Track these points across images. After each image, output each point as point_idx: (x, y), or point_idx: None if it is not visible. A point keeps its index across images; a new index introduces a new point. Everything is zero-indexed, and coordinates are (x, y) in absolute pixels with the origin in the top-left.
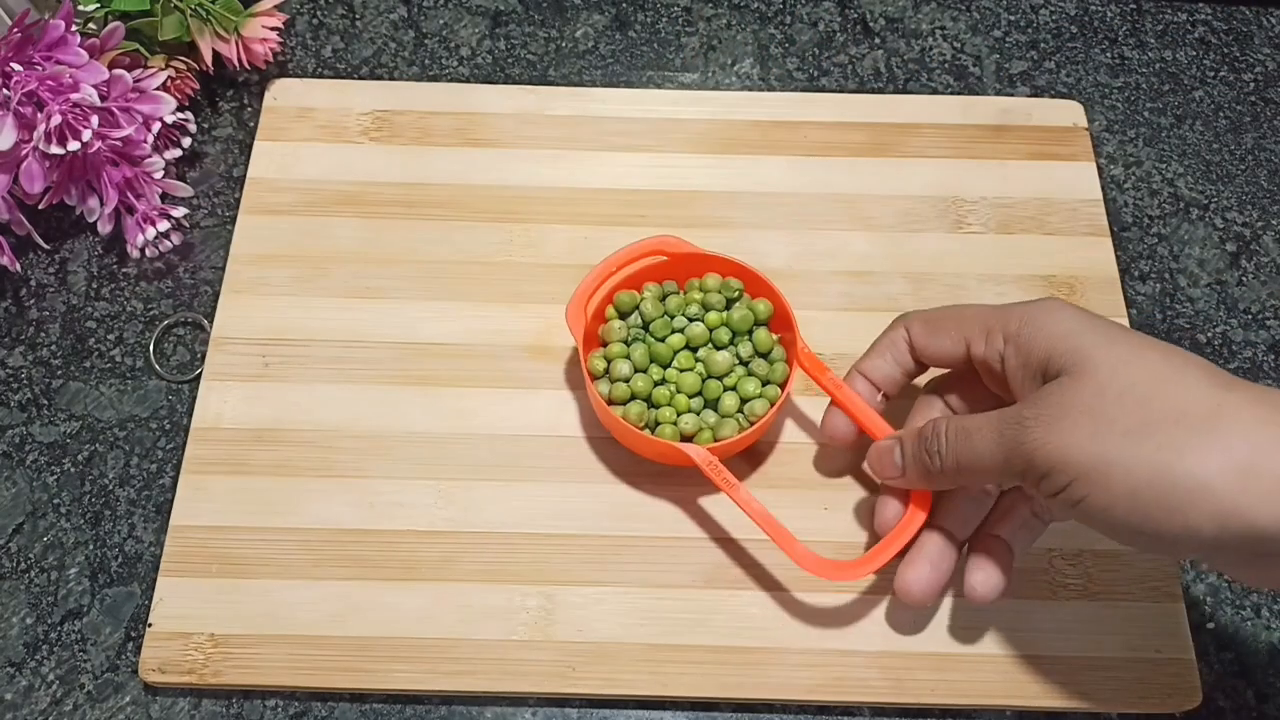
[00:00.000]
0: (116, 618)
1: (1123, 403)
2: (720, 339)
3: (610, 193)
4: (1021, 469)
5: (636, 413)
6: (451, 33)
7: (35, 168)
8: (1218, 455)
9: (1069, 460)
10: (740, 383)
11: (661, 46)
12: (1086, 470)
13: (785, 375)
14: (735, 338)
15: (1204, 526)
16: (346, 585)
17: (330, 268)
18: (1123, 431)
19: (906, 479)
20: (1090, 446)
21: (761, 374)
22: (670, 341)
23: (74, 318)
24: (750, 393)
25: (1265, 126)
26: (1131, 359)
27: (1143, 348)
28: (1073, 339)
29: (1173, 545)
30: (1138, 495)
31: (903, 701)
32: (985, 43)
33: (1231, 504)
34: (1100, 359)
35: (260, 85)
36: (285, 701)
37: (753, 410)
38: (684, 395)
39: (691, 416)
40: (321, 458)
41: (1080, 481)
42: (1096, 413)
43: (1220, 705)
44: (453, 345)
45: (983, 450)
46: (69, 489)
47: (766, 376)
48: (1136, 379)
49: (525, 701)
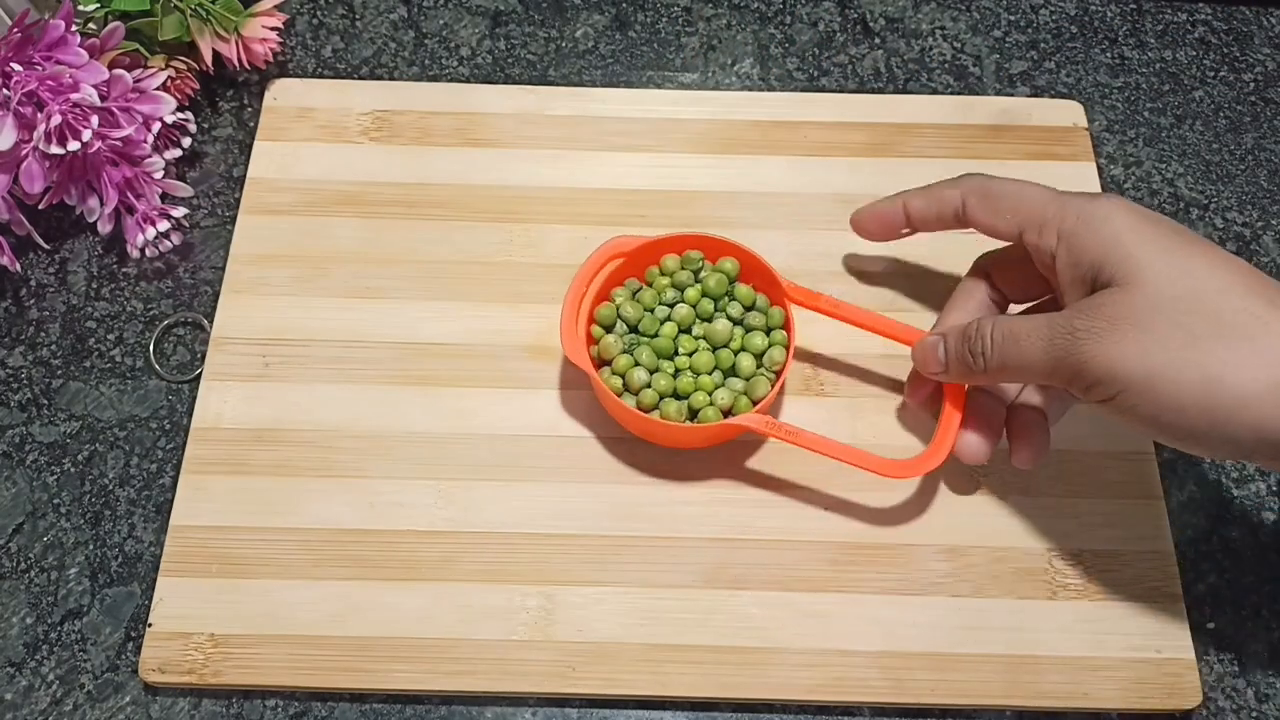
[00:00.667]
0: (116, 618)
1: (1172, 317)
2: (706, 310)
3: (610, 193)
4: (1069, 377)
5: (675, 410)
6: (451, 33)
7: (35, 168)
8: (1261, 371)
9: (1117, 373)
10: (747, 341)
11: (661, 46)
12: (1135, 382)
13: (782, 317)
14: (719, 303)
15: (1244, 437)
16: (346, 585)
17: (330, 268)
18: (1171, 346)
19: (949, 374)
20: (1140, 360)
21: (761, 325)
22: (664, 333)
23: (74, 318)
24: (760, 346)
25: (1265, 126)
26: (1181, 271)
27: (1192, 257)
28: (1124, 247)
29: (1212, 450)
30: (1183, 407)
31: (903, 701)
32: (985, 43)
33: (1270, 417)
34: (1150, 271)
35: (260, 85)
36: (285, 701)
37: (772, 359)
38: (704, 375)
39: (723, 391)
40: (321, 458)
41: (1128, 392)
42: (1146, 326)
43: (1220, 705)
44: (453, 345)
45: (1031, 356)
46: (69, 489)
47: (767, 324)
48: (1185, 292)
49: (525, 701)
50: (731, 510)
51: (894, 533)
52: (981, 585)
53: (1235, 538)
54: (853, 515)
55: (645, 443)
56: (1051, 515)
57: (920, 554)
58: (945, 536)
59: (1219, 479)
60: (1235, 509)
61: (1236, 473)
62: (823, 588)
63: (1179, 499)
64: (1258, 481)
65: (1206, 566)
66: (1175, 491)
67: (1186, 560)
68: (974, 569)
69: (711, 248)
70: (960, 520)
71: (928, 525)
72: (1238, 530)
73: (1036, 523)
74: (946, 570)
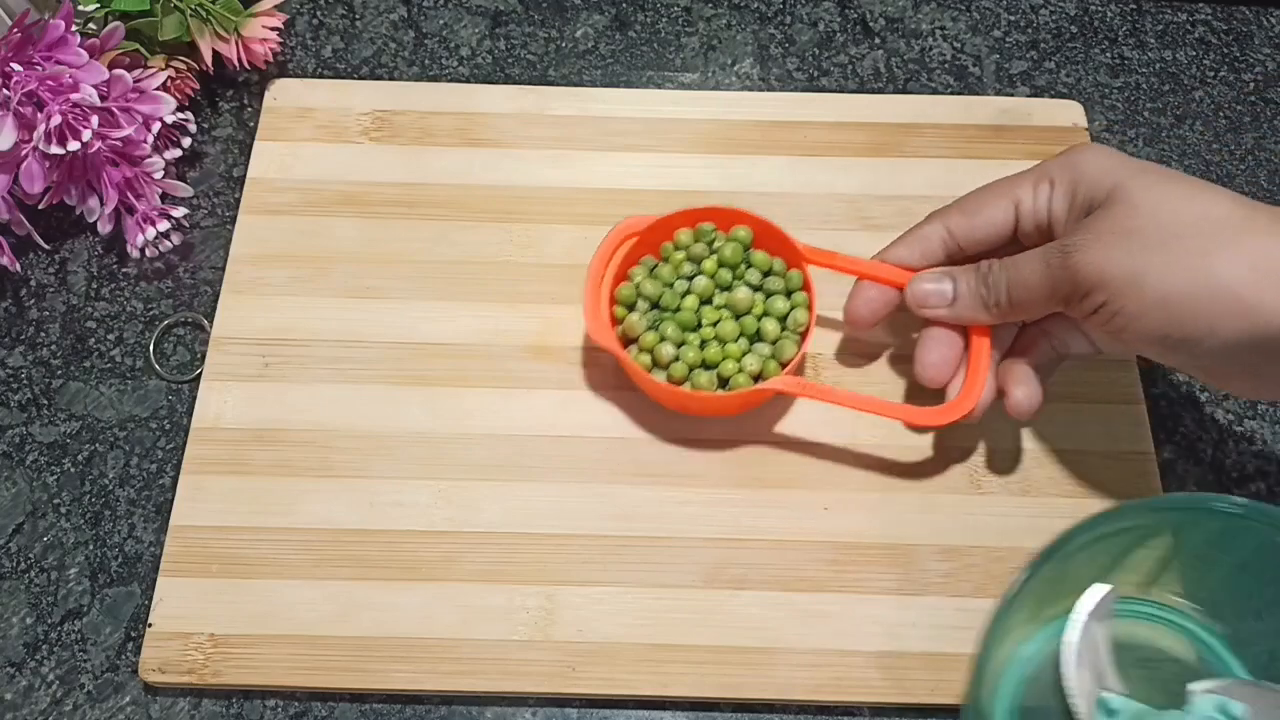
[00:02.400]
0: (116, 618)
1: (1156, 219)
2: (725, 280)
3: (610, 193)
4: (1067, 292)
5: (706, 380)
6: (451, 33)
7: (35, 168)
8: (1243, 258)
9: (1106, 275)
10: (769, 306)
11: (661, 46)
12: (1123, 283)
13: (801, 279)
14: (736, 272)
15: (1226, 327)
16: (346, 585)
17: (330, 268)
18: (1155, 244)
19: (955, 310)
20: (1125, 260)
21: (781, 288)
22: (686, 306)
23: (74, 318)
24: (782, 309)
25: (1265, 126)
26: (1164, 185)
27: (1176, 177)
28: (1110, 175)
29: (1193, 349)
30: (1169, 301)
31: (903, 701)
32: (985, 43)
33: (1254, 302)
34: (1135, 188)
35: (260, 85)
36: (285, 701)
37: (796, 321)
38: (731, 343)
39: (751, 357)
40: (321, 458)
41: (1117, 294)
42: (1131, 231)
43: None
44: (452, 345)
45: (1033, 282)
46: (69, 489)
47: (787, 287)
48: (1167, 198)
49: (525, 701)
50: (731, 510)
51: (894, 533)
52: (981, 585)
53: None
54: (853, 515)
55: (645, 443)
56: (1051, 515)
57: (920, 554)
58: (945, 536)
59: (1219, 479)
60: None
61: (1236, 473)
62: (823, 588)
63: None
64: (1258, 482)
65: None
66: (1175, 491)
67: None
68: (974, 569)
69: (723, 218)
70: (960, 520)
71: (928, 525)
72: None
73: (1036, 523)
74: (946, 570)
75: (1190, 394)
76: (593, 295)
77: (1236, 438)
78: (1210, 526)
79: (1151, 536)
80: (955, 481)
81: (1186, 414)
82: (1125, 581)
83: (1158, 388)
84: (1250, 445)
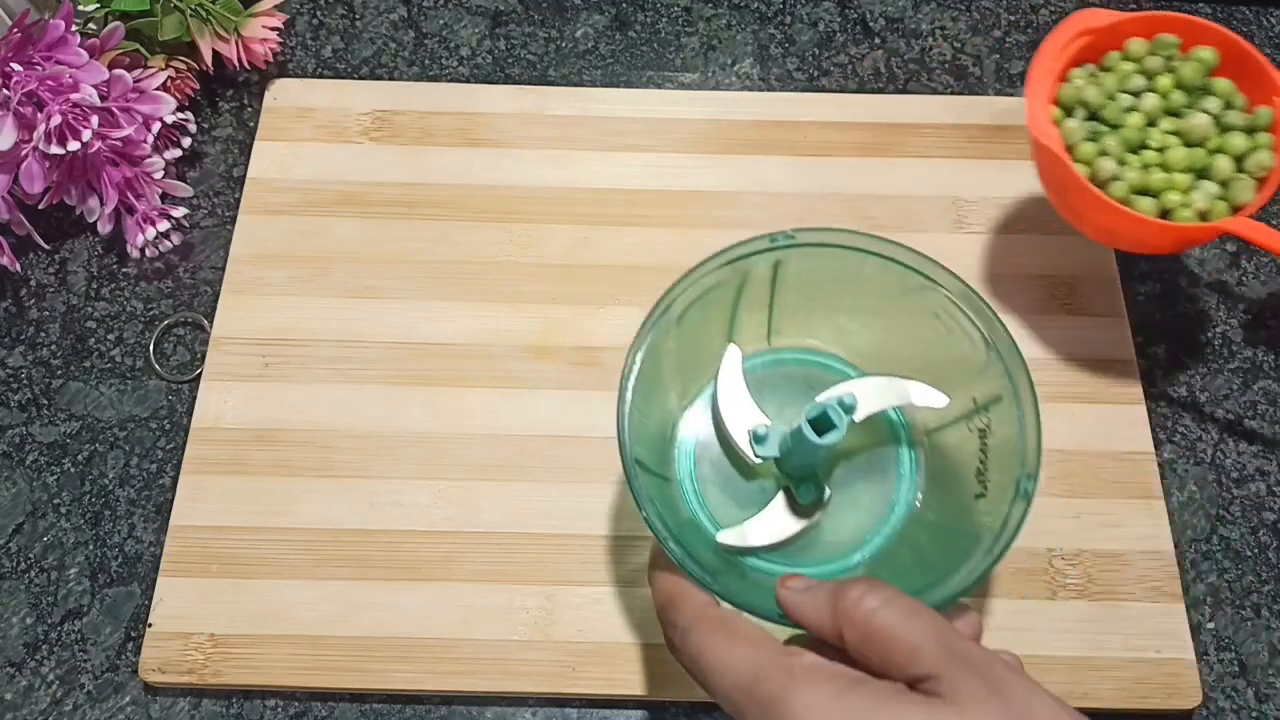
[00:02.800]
0: (116, 618)
1: None
2: (1178, 104)
3: (610, 193)
4: None
5: (1148, 205)
6: (451, 33)
7: (35, 168)
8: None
9: None
10: (1225, 142)
11: (661, 46)
12: None
13: (1271, 117)
14: (1193, 96)
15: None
16: (346, 585)
17: (330, 268)
18: None
19: None
20: None
21: (1243, 124)
22: (1130, 123)
23: (74, 318)
24: (1241, 147)
25: None
26: None
27: None
28: None
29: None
30: None
31: None
32: (985, 43)
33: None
34: None
35: (260, 85)
36: (285, 701)
37: (1259, 163)
38: (1178, 173)
39: (1198, 194)
40: (321, 458)
41: None
42: None
43: (1220, 705)
44: (452, 345)
45: None
46: (69, 489)
47: (1252, 124)
48: None
49: (525, 701)
50: None
51: None
52: (981, 585)
53: (1235, 538)
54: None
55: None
56: (1051, 515)
57: None
58: None
59: (1219, 479)
60: (1235, 509)
61: (1237, 473)
62: None
63: (1179, 499)
64: (1258, 481)
65: (1206, 566)
66: (1175, 491)
67: (1186, 560)
68: None
69: (1190, 32)
70: None
71: None
72: (1238, 530)
73: (1036, 523)
74: None
75: (1190, 394)
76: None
77: (1236, 438)
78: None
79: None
80: None
81: (1186, 414)
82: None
83: (1157, 388)
84: (1250, 445)
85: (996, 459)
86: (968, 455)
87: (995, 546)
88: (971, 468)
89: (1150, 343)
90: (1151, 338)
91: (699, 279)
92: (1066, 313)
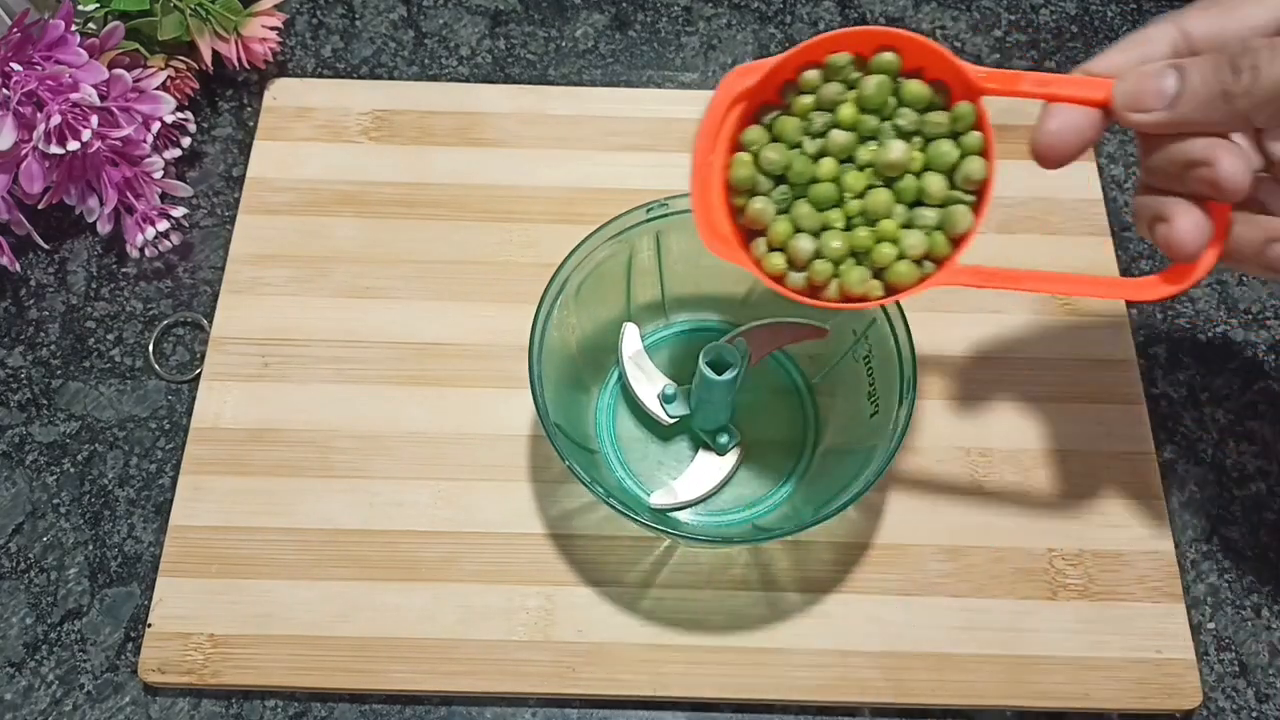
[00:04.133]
0: (116, 618)
1: None
2: (869, 128)
3: (610, 193)
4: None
5: (858, 277)
6: (451, 32)
7: (35, 168)
8: None
9: None
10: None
11: (661, 46)
12: None
13: (974, 113)
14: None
15: None
16: (346, 585)
17: (330, 268)
18: None
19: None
20: None
21: (944, 128)
22: (822, 173)
23: (74, 318)
24: (949, 156)
25: None
26: None
27: None
28: None
29: None
30: None
31: (903, 702)
32: (985, 43)
33: None
34: None
35: (260, 85)
36: (285, 702)
37: (969, 177)
38: (884, 220)
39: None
40: (321, 458)
41: None
42: None
43: (1220, 705)
44: (453, 345)
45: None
46: (69, 489)
47: (952, 128)
48: None
49: (525, 702)
50: None
51: (894, 533)
52: (981, 585)
53: (1235, 538)
54: (853, 515)
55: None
56: (1051, 515)
57: (920, 554)
58: (945, 536)
59: (1219, 479)
60: (1235, 509)
61: (1237, 473)
62: (823, 588)
63: (1179, 499)
64: (1258, 481)
65: (1207, 566)
66: (1175, 491)
67: (1186, 560)
68: (974, 569)
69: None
70: (960, 520)
71: (928, 525)
72: (1238, 530)
73: (1036, 523)
74: (946, 570)
75: (1190, 394)
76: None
77: (1236, 438)
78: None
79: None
80: (956, 481)
81: (1186, 414)
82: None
83: (1158, 388)
84: (1250, 445)
85: (881, 378)
86: (859, 382)
87: (890, 444)
88: (864, 392)
89: (1150, 343)
90: (1151, 338)
91: (589, 253)
92: (1066, 312)
